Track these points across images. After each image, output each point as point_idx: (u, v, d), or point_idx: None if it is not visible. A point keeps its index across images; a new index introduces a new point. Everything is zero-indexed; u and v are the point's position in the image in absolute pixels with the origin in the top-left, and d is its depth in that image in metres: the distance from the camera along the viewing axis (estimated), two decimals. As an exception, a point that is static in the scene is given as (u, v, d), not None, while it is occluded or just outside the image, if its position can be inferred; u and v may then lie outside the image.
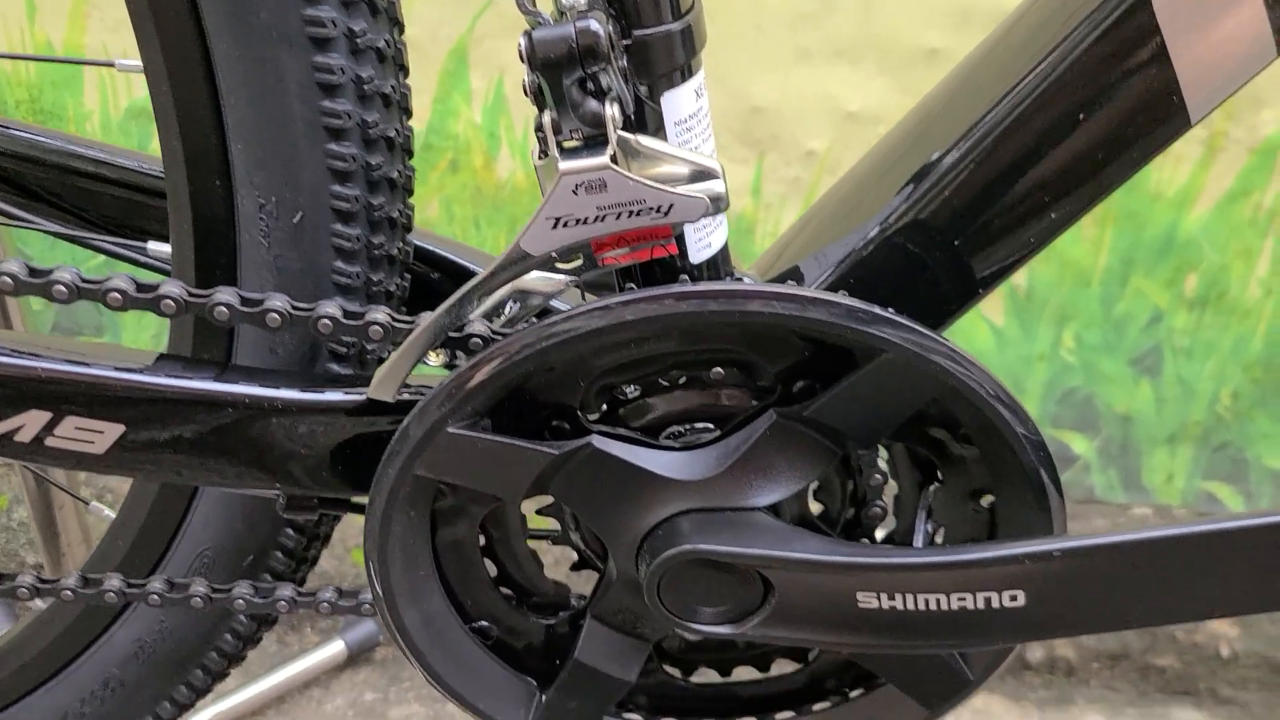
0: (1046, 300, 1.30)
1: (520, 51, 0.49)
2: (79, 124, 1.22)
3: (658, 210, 0.52)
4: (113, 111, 1.22)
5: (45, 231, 0.69)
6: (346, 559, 1.38)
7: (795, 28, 1.17)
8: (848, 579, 0.56)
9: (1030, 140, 0.57)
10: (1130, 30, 0.54)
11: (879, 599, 0.57)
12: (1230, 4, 0.52)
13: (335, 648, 1.29)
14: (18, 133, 0.71)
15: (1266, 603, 0.55)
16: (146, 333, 1.40)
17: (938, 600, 0.56)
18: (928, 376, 0.53)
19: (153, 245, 0.66)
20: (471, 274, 0.71)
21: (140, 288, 0.55)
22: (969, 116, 0.58)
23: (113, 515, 0.77)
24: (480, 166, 1.23)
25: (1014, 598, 0.55)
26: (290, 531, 0.71)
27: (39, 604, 0.82)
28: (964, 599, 0.56)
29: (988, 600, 0.55)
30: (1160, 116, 0.55)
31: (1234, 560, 0.53)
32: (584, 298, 0.62)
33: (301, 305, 0.57)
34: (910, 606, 0.56)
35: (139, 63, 0.58)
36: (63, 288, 0.55)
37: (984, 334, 1.31)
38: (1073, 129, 0.56)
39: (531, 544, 0.67)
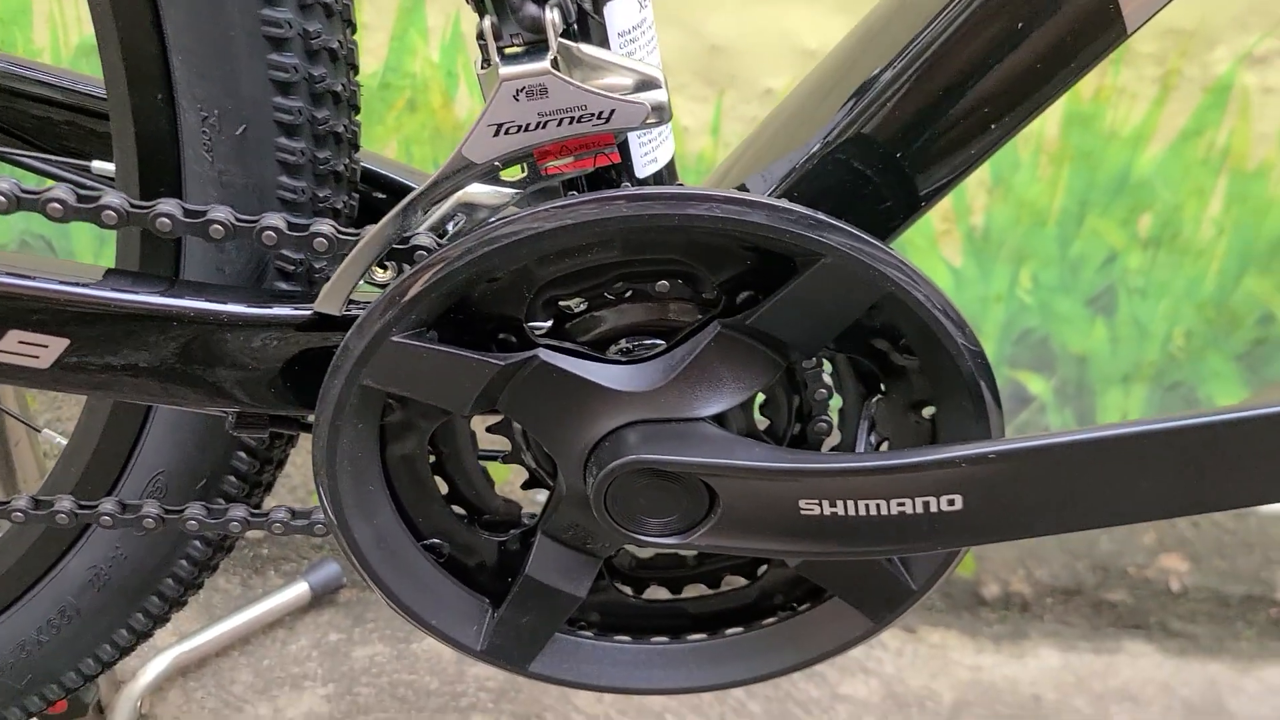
0: (1003, 241, 1.31)
1: (457, -48, 0.49)
2: (29, 62, 1.20)
3: (599, 116, 0.52)
4: (63, 49, 1.20)
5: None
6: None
7: (754, -35, 1.16)
8: (790, 485, 0.57)
9: (968, 53, 0.57)
10: (1067, -60, 0.54)
11: (820, 506, 0.58)
12: (1167, -88, 0.53)
13: (299, 589, 1.29)
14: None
15: (1196, 504, 0.56)
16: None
17: (877, 506, 0.57)
18: (867, 283, 0.54)
19: (96, 164, 0.66)
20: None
21: (81, 198, 0.55)
22: (908, 31, 0.58)
23: (65, 442, 0.77)
24: (438, 106, 1.23)
25: (951, 502, 0.56)
26: (243, 454, 0.71)
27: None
28: (903, 504, 0.57)
29: (926, 505, 0.57)
30: (1097, 26, 0.56)
31: (1164, 461, 0.54)
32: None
33: (245, 216, 0.56)
34: (851, 513, 0.57)
35: (76, -27, 0.57)
36: (1, 198, 0.54)
37: (942, 274, 1.32)
38: (1011, 41, 0.57)
39: (483, 463, 0.68)
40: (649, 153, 0.62)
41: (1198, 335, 1.36)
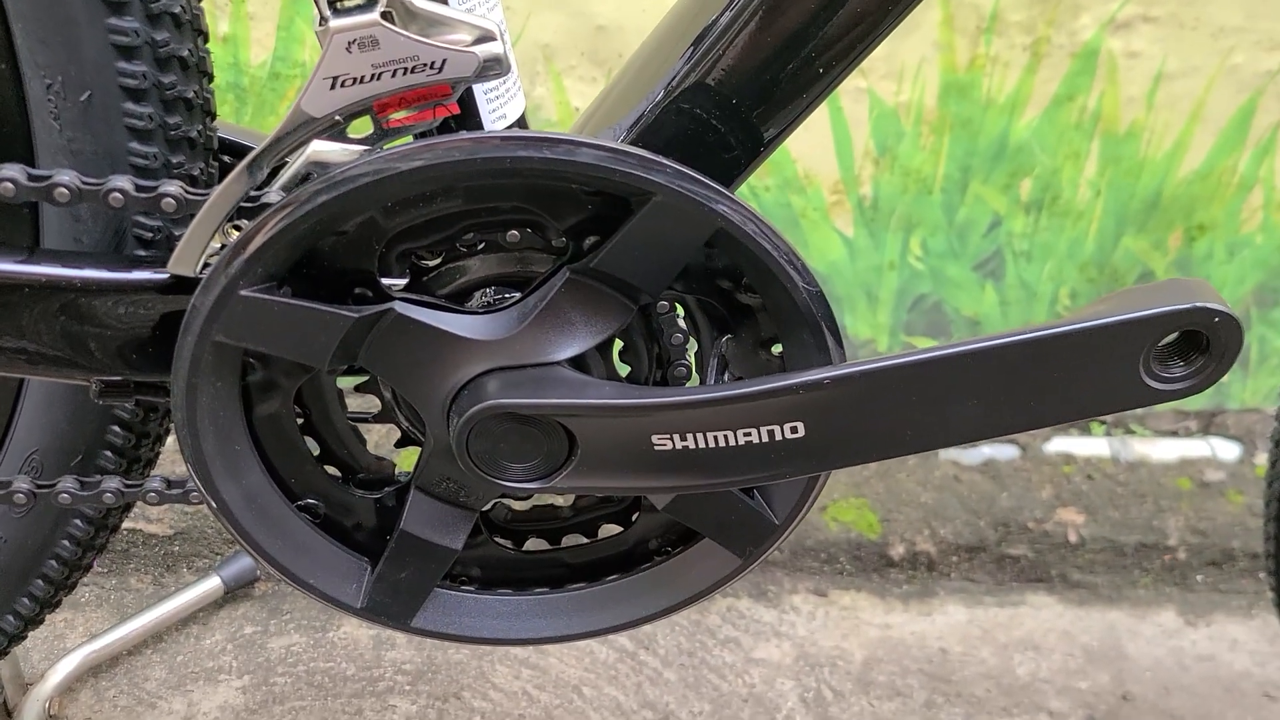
0: (893, 209, 1.35)
1: (277, -94, 0.51)
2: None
3: (431, 66, 0.54)
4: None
5: None
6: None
7: (633, -55, 1.19)
8: (640, 421, 0.59)
9: (798, -4, 0.60)
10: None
11: (672, 440, 0.60)
12: None
13: (211, 583, 1.29)
14: None
15: (1026, 419, 0.59)
16: None
17: (725, 437, 0.59)
18: (697, 219, 0.56)
19: (-53, 139, 0.66)
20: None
21: (-78, 165, 0.55)
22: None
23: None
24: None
25: (795, 429, 0.59)
26: (117, 429, 0.71)
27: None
28: (749, 434, 0.59)
29: (771, 434, 0.59)
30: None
31: (993, 377, 0.57)
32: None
33: (91, 180, 0.57)
34: (701, 445, 0.60)
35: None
36: None
37: (835, 244, 1.36)
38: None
39: (353, 422, 0.69)
40: (497, 109, 0.63)
41: (1083, 295, 1.40)
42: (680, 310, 0.65)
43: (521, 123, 0.65)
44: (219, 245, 0.60)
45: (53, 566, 0.77)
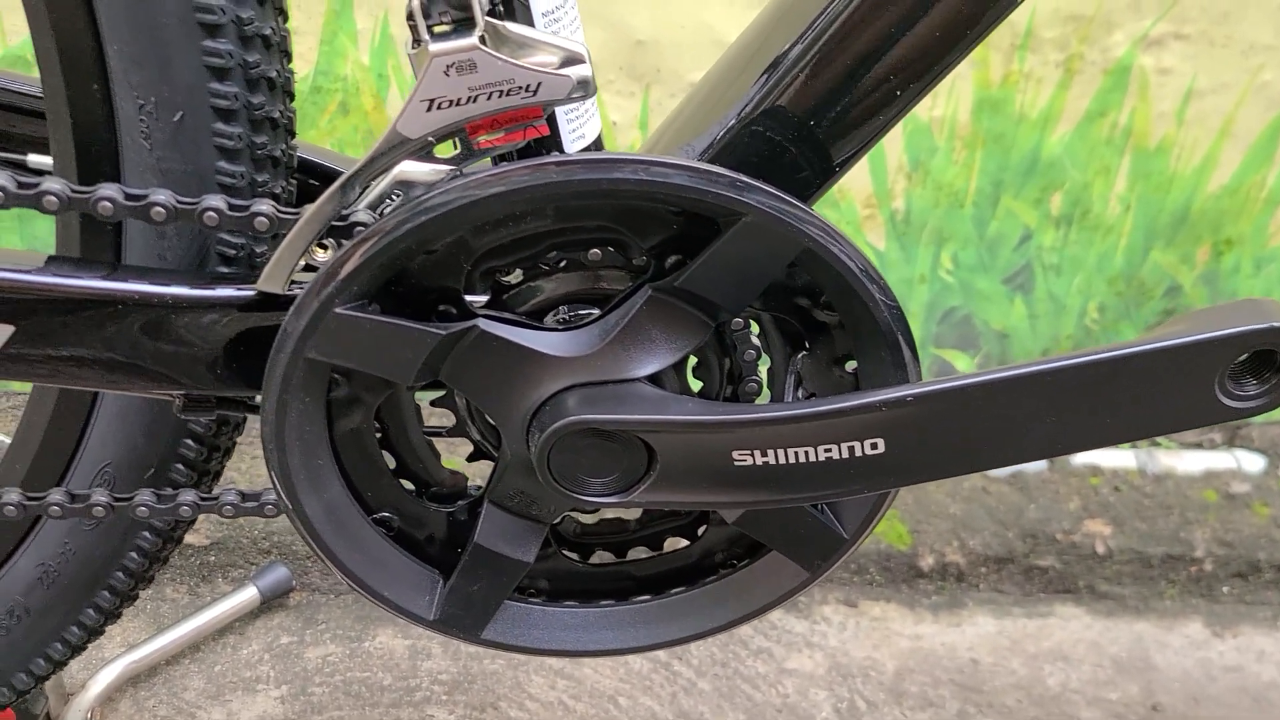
0: (924, 223, 1.36)
1: (385, -67, 0.52)
2: (-48, 75, 1.19)
3: (526, 89, 0.55)
4: (-12, 60, 1.20)
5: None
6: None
7: (673, -38, 1.20)
8: (722, 437, 0.60)
9: (873, 25, 0.61)
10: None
11: (752, 456, 0.61)
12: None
13: (248, 594, 1.29)
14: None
15: (1102, 436, 0.60)
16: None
17: (806, 453, 0.60)
18: (785, 239, 0.57)
19: (33, 158, 0.67)
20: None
21: (22, 185, 0.56)
22: (816, 6, 0.62)
23: (7, 440, 0.77)
24: (370, 108, 1.24)
25: (874, 445, 0.60)
26: (190, 442, 0.72)
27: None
28: (829, 450, 0.60)
29: (851, 450, 0.60)
30: (991, -5, 0.60)
31: (1067, 396, 0.58)
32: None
33: (186, 199, 0.58)
34: (781, 461, 0.61)
35: (9, -33, 0.58)
36: (-57, 187, 0.55)
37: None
38: (912, 13, 0.60)
39: (428, 437, 0.70)
40: (577, 129, 0.64)
41: (1111, 308, 1.42)
42: (754, 327, 0.66)
43: (599, 143, 0.66)
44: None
45: (119, 578, 0.78)
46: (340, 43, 1.21)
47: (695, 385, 0.68)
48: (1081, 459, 1.51)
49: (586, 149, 0.65)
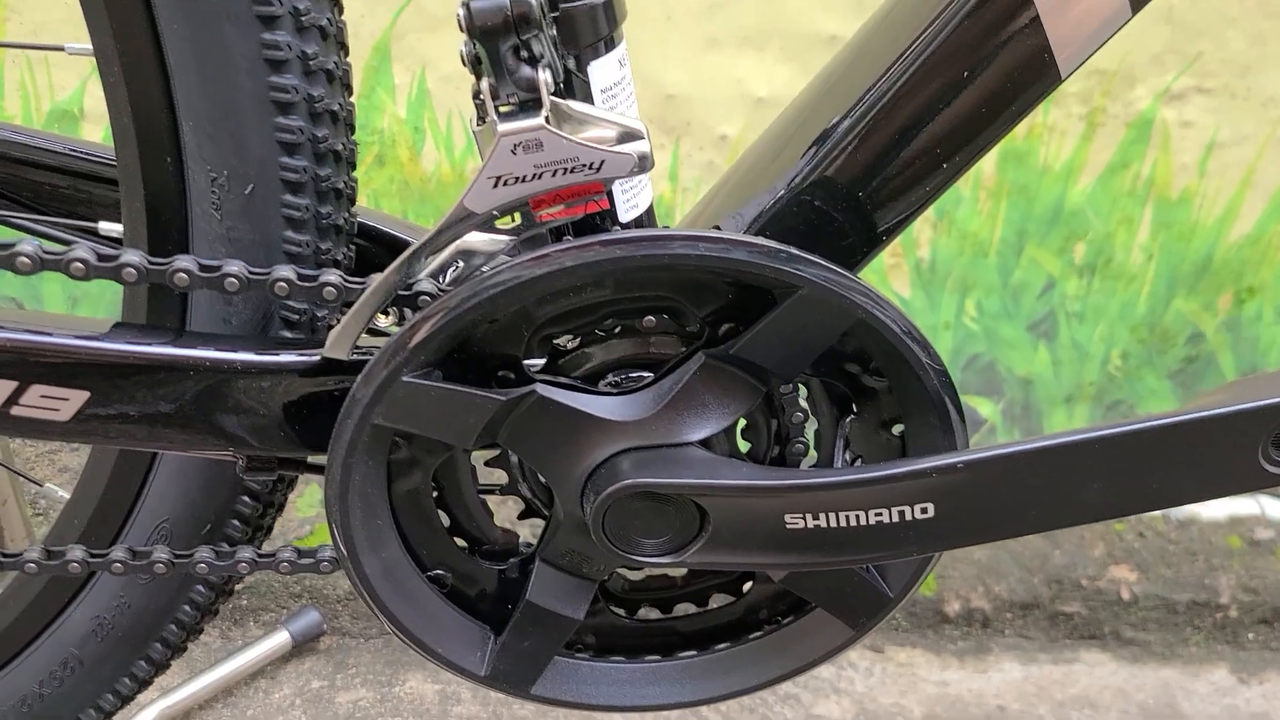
0: (949, 271, 1.38)
1: (459, 21, 0.54)
2: None
3: (590, 167, 0.57)
4: (35, 115, 1.23)
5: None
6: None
7: (704, 18, 1.23)
8: (775, 502, 0.62)
9: (919, 101, 0.63)
10: (1005, -1, 0.60)
11: (804, 519, 0.62)
12: (1091, -29, 0.59)
13: (280, 638, 1.30)
14: (-43, 124, 0.73)
15: (1147, 501, 0.62)
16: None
17: (857, 517, 0.62)
18: (840, 310, 0.59)
19: (104, 225, 0.69)
20: (408, 244, 0.75)
21: (102, 257, 0.58)
22: (864, 82, 0.64)
23: (65, 495, 0.79)
24: (406, 160, 1.27)
25: (924, 510, 0.61)
26: (246, 498, 0.74)
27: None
28: (880, 514, 0.61)
29: (901, 514, 0.61)
30: (1035, 74, 0.62)
31: (1114, 464, 0.60)
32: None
33: (257, 269, 0.60)
34: (833, 524, 0.62)
35: (89, 46, 0.61)
36: (26, 259, 0.57)
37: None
38: (958, 89, 0.62)
39: (482, 495, 0.71)
40: (631, 199, 0.66)
41: (1134, 355, 1.43)
42: (802, 390, 0.68)
43: (650, 211, 0.68)
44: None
45: (172, 631, 0.80)
46: (378, 97, 1.23)
47: (743, 445, 0.70)
48: (1106, 505, 1.52)
49: (639, 217, 0.67)
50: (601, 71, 0.62)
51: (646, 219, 0.68)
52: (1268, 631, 1.44)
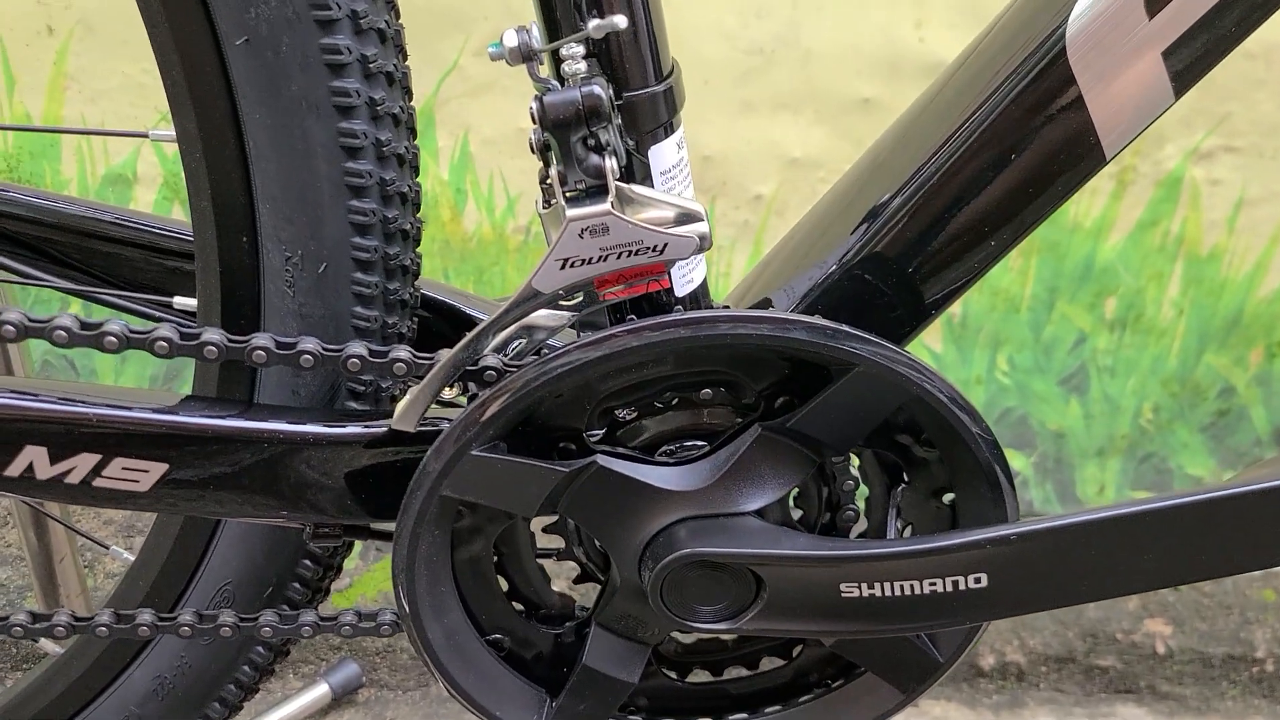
0: (980, 327, 1.39)
1: (532, 114, 0.56)
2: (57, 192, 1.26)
3: (654, 249, 0.59)
4: (90, 179, 1.26)
5: (74, 293, 0.73)
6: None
7: (739, 82, 1.26)
8: (831, 571, 0.63)
9: (968, 180, 0.65)
10: (1050, 81, 0.62)
11: (859, 588, 0.64)
12: (1134, 57, 0.61)
13: (319, 691, 1.32)
14: (40, 200, 0.76)
15: (1199, 573, 0.63)
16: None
17: (911, 586, 0.63)
18: (895, 386, 0.61)
19: (179, 300, 0.71)
20: (467, 316, 0.78)
21: (184, 335, 0.61)
22: (913, 161, 0.66)
23: (131, 557, 0.81)
24: (448, 220, 1.30)
25: (978, 580, 0.63)
26: (308, 562, 0.76)
27: (52, 647, 0.85)
28: (934, 584, 0.63)
29: (955, 583, 0.63)
30: (1080, 155, 0.64)
31: (1167, 536, 0.61)
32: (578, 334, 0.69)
33: (330, 346, 0.62)
34: (888, 594, 0.63)
35: (172, 132, 0.64)
36: (113, 338, 0.60)
37: (924, 360, 1.40)
38: (1005, 169, 0.64)
39: (539, 560, 0.73)
40: (686, 274, 0.68)
41: (1165, 409, 1.44)
42: (854, 460, 0.69)
43: (704, 286, 0.70)
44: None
45: (230, 690, 0.81)
46: (422, 159, 1.26)
47: (794, 512, 0.71)
48: (1139, 558, 1.52)
49: (694, 292, 0.69)
50: (661, 155, 0.64)
51: (701, 292, 0.70)
52: (1305, 686, 1.44)
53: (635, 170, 0.65)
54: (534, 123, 0.57)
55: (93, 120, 1.22)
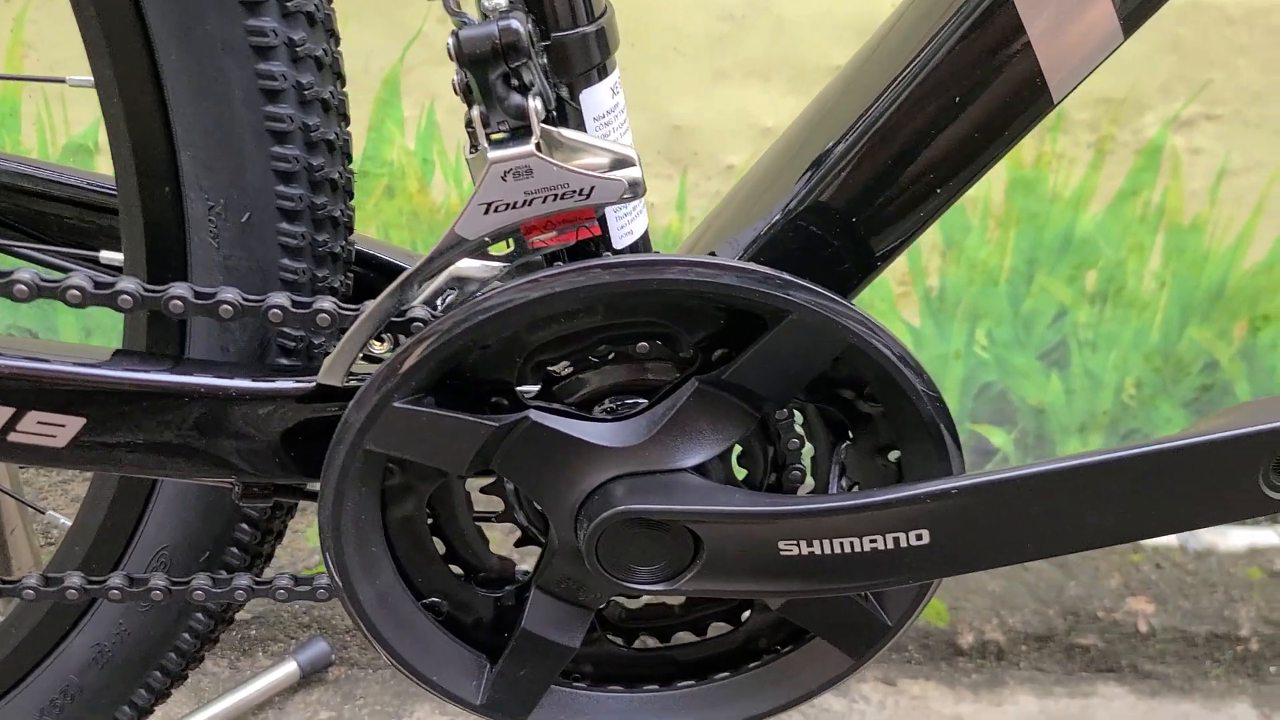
0: (959, 300, 1.37)
1: (449, 50, 0.54)
2: (17, 162, 1.24)
3: (580, 193, 0.57)
4: (51, 149, 1.25)
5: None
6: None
7: (711, 50, 1.23)
8: (768, 528, 0.61)
9: (913, 126, 0.63)
10: (995, 23, 0.60)
11: (798, 546, 0.62)
12: (1085, -1, 0.59)
13: (288, 669, 1.30)
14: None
15: (1146, 528, 0.61)
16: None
17: (852, 543, 0.61)
18: (831, 335, 0.59)
19: (105, 254, 0.70)
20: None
21: (98, 285, 0.59)
22: (858, 107, 0.64)
23: (67, 523, 0.80)
24: (415, 191, 1.28)
25: (919, 537, 0.61)
26: (245, 526, 0.74)
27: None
28: (874, 541, 0.61)
29: (896, 540, 0.61)
30: (1027, 100, 0.62)
31: (1112, 489, 0.59)
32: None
33: (252, 296, 0.61)
34: (827, 551, 0.61)
35: (90, 78, 0.62)
36: (24, 286, 0.58)
37: (901, 334, 1.38)
38: (950, 114, 0.62)
39: (477, 523, 0.71)
40: (624, 226, 0.66)
41: (1148, 384, 1.42)
42: (798, 417, 0.67)
43: (645, 238, 0.68)
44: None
45: (171, 659, 0.80)
46: (387, 129, 1.25)
47: (739, 473, 0.70)
48: (1121, 535, 1.50)
49: (633, 245, 0.67)
50: (595, 99, 0.62)
51: (641, 245, 0.68)
52: (1290, 665, 1.42)
53: (569, 117, 0.63)
54: (451, 60, 0.55)
55: (52, 90, 1.20)
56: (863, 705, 1.36)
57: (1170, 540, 1.49)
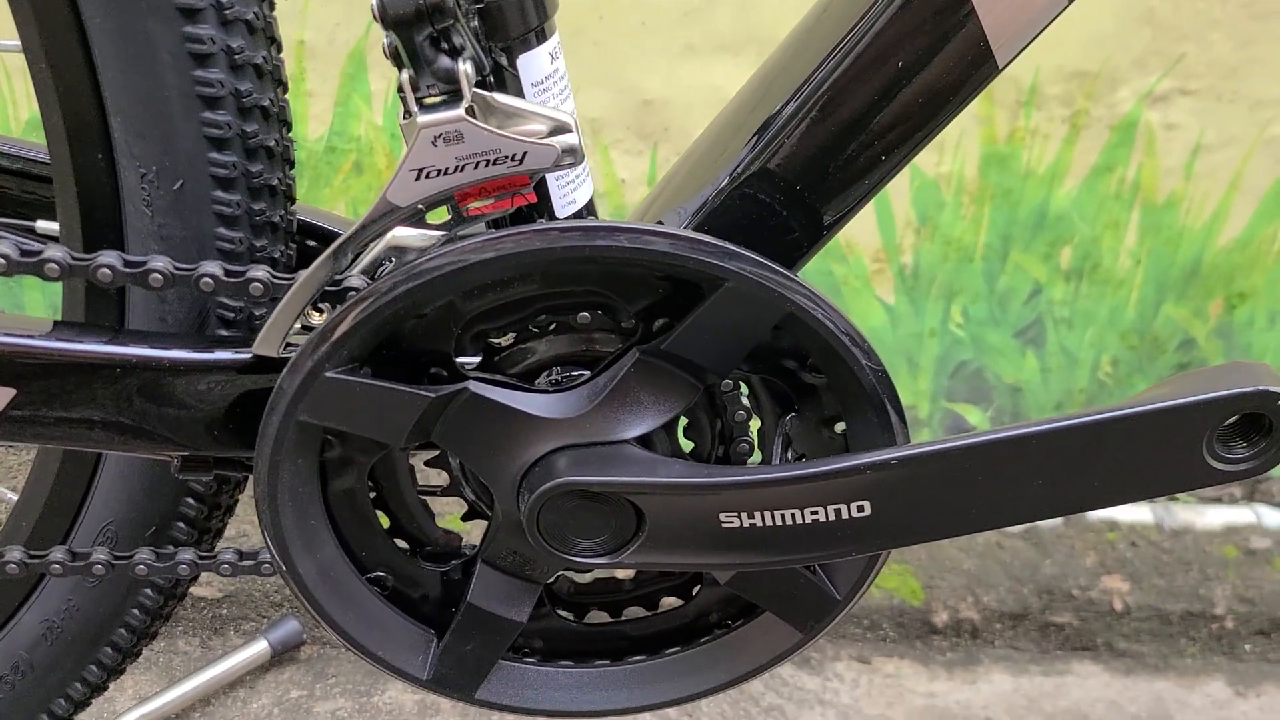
0: (933, 277, 1.36)
1: (373, 11, 0.53)
2: (-21, 138, 1.23)
3: (512, 159, 0.56)
4: (13, 124, 1.23)
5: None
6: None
7: (679, 24, 1.22)
8: (709, 500, 0.61)
9: (857, 92, 0.62)
10: (939, -14, 0.59)
11: (739, 518, 0.61)
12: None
13: (259, 647, 1.30)
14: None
15: (1090, 499, 0.60)
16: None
17: (793, 515, 0.60)
18: (767, 304, 0.58)
19: (41, 224, 0.69)
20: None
21: (25, 253, 0.58)
22: (803, 71, 0.63)
23: (13, 497, 0.79)
24: (384, 167, 1.27)
25: (861, 508, 0.60)
26: (191, 500, 0.73)
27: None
28: (815, 513, 0.60)
29: (837, 512, 0.60)
30: (971, 65, 0.60)
31: (1054, 459, 0.58)
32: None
33: (183, 265, 0.60)
34: (768, 523, 0.61)
35: (18, 43, 0.61)
36: (-52, 255, 0.57)
37: (876, 312, 1.37)
38: (894, 79, 0.61)
39: (422, 497, 0.71)
40: (568, 194, 0.66)
41: (1124, 362, 1.41)
42: (744, 388, 0.67)
43: (590, 207, 0.68)
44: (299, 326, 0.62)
45: (122, 635, 0.79)
46: (354, 104, 1.23)
47: (687, 446, 0.69)
48: (1097, 514, 1.49)
49: (578, 213, 0.66)
50: (532, 65, 0.61)
51: (586, 214, 0.67)
52: (1264, 643, 1.41)
53: (506, 82, 0.62)
54: (376, 21, 0.54)
55: (13, 62, 1.19)
56: (836, 684, 1.36)
57: (1146, 518, 1.49)
